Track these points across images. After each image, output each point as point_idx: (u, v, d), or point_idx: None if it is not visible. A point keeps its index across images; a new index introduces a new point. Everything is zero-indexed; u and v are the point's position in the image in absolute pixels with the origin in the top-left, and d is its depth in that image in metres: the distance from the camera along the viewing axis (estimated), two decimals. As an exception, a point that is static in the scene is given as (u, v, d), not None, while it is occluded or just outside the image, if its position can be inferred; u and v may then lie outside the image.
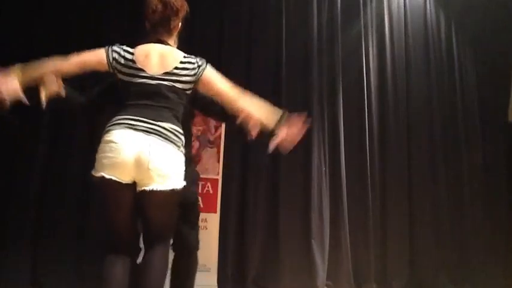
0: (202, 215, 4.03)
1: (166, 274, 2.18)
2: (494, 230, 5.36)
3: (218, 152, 4.25)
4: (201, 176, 4.13)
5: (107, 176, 2.01)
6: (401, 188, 5.17)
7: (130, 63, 2.17)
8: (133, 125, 2.05)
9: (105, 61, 2.17)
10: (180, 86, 2.19)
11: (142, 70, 2.16)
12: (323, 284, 4.59)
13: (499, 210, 5.44)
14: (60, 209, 4.04)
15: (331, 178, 4.90)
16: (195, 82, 2.23)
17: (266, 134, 2.27)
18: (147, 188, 2.03)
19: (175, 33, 2.33)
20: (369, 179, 5.01)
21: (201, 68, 2.24)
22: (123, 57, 2.18)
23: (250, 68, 4.84)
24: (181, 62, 2.21)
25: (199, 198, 2.61)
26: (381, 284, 4.87)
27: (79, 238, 4.01)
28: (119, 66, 2.18)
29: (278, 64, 4.93)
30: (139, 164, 2.01)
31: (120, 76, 2.19)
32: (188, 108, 2.39)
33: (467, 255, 5.22)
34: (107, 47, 2.21)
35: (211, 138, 4.27)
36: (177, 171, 2.10)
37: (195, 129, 4.20)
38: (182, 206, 2.30)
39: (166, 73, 2.17)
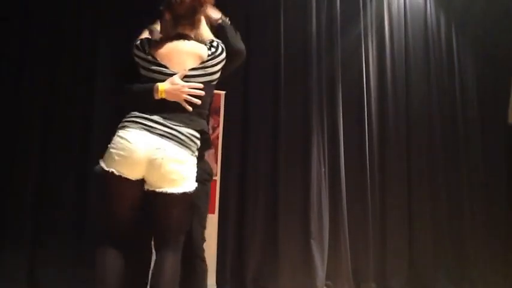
0: (200, 216, 4.09)
1: (178, 279, 2.19)
2: (494, 231, 5.36)
3: (216, 152, 4.25)
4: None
5: (116, 173, 2.04)
6: (401, 189, 5.18)
7: (151, 59, 2.17)
8: (151, 126, 2.06)
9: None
10: (209, 79, 2.21)
11: (165, 67, 2.16)
12: (322, 284, 4.60)
13: (498, 211, 5.44)
14: (59, 209, 4.05)
15: (330, 179, 4.90)
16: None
17: None
18: (158, 190, 2.05)
19: (198, 27, 2.31)
20: (368, 180, 5.01)
21: (220, 48, 2.28)
22: (144, 51, 2.19)
23: (249, 69, 4.84)
24: (208, 56, 2.21)
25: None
26: (380, 284, 4.88)
27: (78, 238, 4.02)
28: (141, 62, 2.20)
29: (277, 65, 4.92)
30: (151, 166, 2.03)
31: (142, 71, 2.20)
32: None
33: (466, 256, 5.22)
34: (136, 42, 2.26)
35: (209, 138, 4.27)
36: (188, 175, 2.11)
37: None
38: (194, 207, 2.31)
39: (193, 69, 2.18)
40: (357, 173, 5.03)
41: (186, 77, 2.15)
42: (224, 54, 2.27)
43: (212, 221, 4.11)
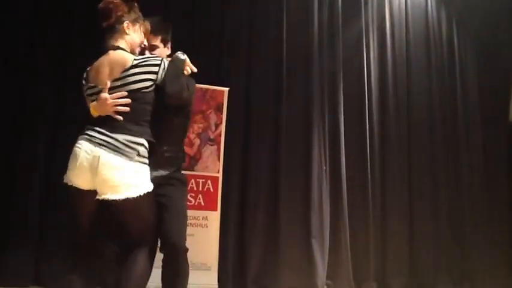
0: (202, 213, 4.07)
1: (147, 276, 2.23)
2: (494, 230, 5.35)
3: (218, 149, 4.22)
4: (202, 173, 4.14)
5: (69, 183, 2.17)
6: (402, 188, 5.18)
7: (86, 85, 2.26)
8: (92, 136, 2.13)
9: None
10: (137, 87, 2.16)
11: (95, 86, 2.21)
12: (323, 283, 4.58)
13: (499, 210, 5.43)
14: (64, 208, 3.99)
15: (331, 177, 4.89)
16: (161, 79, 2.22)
17: None
18: (103, 197, 2.10)
19: (122, 31, 2.28)
20: (369, 179, 5.00)
21: (150, 61, 2.22)
22: (83, 83, 2.29)
23: (251, 67, 4.82)
24: (133, 65, 2.17)
25: (186, 200, 2.54)
26: (380, 283, 4.88)
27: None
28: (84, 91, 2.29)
29: (279, 63, 4.91)
30: (92, 174, 2.09)
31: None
32: (182, 110, 2.37)
33: (467, 255, 5.22)
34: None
35: (212, 135, 4.25)
36: (127, 181, 2.11)
37: (196, 127, 4.19)
38: (165, 209, 2.28)
39: (116, 80, 2.16)
40: (357, 172, 5.02)
41: (111, 89, 2.15)
42: (154, 68, 2.20)
43: (214, 219, 4.10)
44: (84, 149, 2.11)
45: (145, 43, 2.42)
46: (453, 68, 5.74)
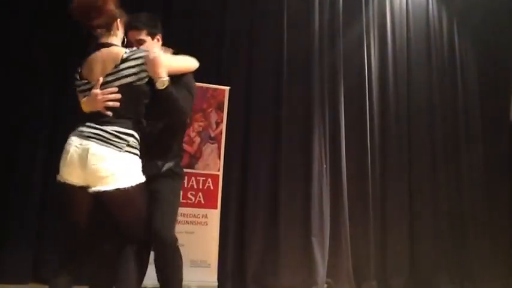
0: (202, 211, 4.08)
1: (141, 274, 2.23)
2: (495, 229, 5.35)
3: (219, 147, 4.23)
4: (202, 171, 4.15)
5: (62, 180, 2.17)
6: (402, 187, 5.17)
7: (79, 82, 2.25)
8: (82, 131, 2.14)
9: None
10: (128, 81, 2.17)
11: (87, 83, 2.21)
12: (323, 281, 4.58)
13: (499, 210, 5.43)
14: (61, 205, 4.02)
15: (331, 176, 4.89)
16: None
17: None
18: (93, 190, 2.09)
19: (115, 28, 2.28)
20: (370, 177, 5.01)
21: (137, 53, 2.21)
22: (76, 79, 2.27)
23: (251, 68, 4.83)
24: (123, 59, 2.16)
25: (180, 193, 2.54)
26: (380, 281, 4.87)
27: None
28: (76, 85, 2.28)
29: (279, 63, 4.92)
30: (82, 167, 2.09)
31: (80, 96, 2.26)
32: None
33: (467, 254, 5.22)
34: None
35: (213, 134, 4.26)
36: (117, 172, 2.11)
37: (196, 125, 4.20)
38: (156, 202, 2.27)
39: (108, 75, 2.17)
40: (358, 171, 5.02)
41: (103, 84, 2.16)
42: (140, 61, 2.19)
43: (214, 217, 4.11)
44: (74, 144, 2.12)
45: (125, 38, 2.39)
46: (454, 67, 5.76)
